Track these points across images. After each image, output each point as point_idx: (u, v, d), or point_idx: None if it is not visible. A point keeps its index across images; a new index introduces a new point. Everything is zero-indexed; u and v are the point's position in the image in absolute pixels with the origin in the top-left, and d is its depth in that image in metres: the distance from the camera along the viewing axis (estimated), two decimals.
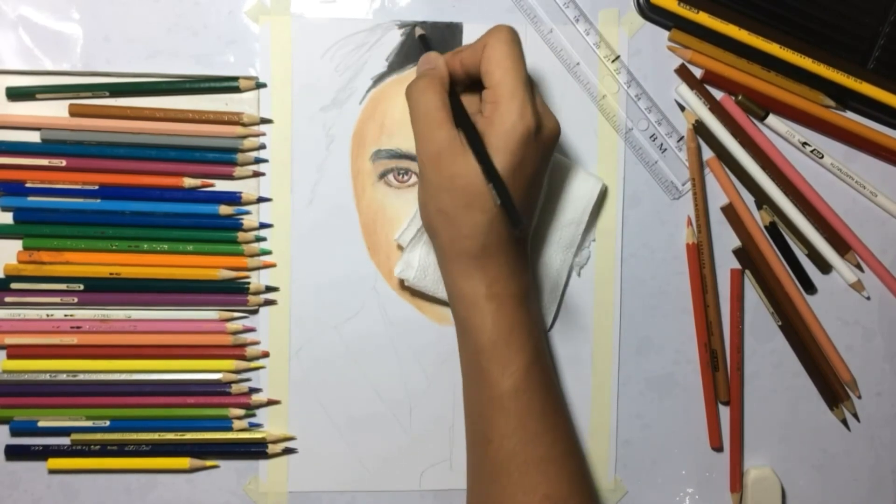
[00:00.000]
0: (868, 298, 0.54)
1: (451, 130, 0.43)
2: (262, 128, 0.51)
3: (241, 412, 0.51)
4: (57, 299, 0.50)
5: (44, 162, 0.50)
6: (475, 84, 0.45)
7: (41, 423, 0.51)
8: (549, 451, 0.44)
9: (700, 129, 0.52)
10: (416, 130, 0.43)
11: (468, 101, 0.45)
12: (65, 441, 0.51)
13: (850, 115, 0.53)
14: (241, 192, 0.51)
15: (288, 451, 0.52)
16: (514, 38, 0.43)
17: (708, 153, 0.53)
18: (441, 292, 0.50)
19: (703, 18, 0.51)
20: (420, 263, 0.50)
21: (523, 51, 0.43)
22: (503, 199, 0.40)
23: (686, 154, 0.53)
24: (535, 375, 0.44)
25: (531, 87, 0.43)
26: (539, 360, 0.45)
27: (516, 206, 0.39)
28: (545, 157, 0.45)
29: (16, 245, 0.50)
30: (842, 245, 0.53)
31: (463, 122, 0.43)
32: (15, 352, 0.50)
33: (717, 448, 0.54)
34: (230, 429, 0.51)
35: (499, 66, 0.42)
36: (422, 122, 0.43)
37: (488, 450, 0.44)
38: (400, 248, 0.51)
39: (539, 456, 0.44)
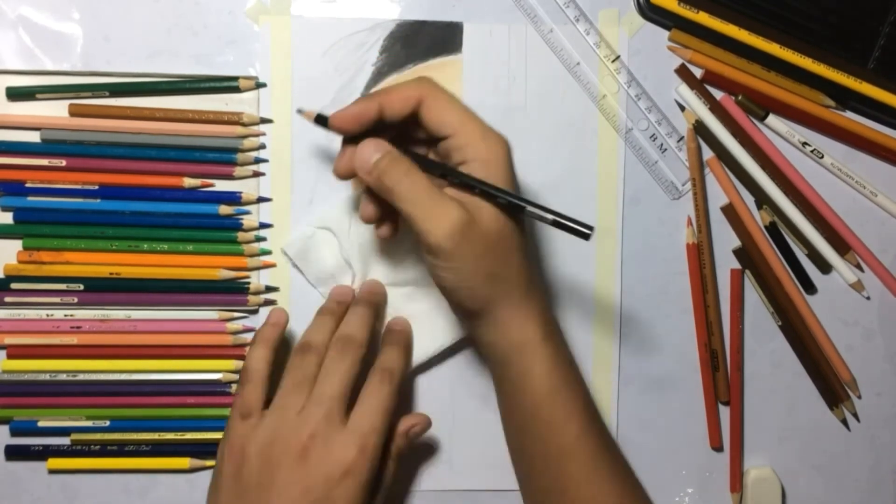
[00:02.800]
0: (868, 298, 0.54)
1: (451, 198, 0.40)
2: (262, 128, 0.51)
3: None
4: (57, 299, 0.50)
5: (44, 162, 0.50)
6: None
7: (41, 423, 0.51)
8: (623, 495, 0.43)
9: (700, 129, 0.52)
10: (416, 216, 0.39)
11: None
12: (65, 441, 0.51)
13: (850, 115, 0.53)
14: (241, 192, 0.51)
15: None
16: (443, 87, 0.42)
17: (708, 153, 0.53)
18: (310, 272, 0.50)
19: (703, 18, 0.51)
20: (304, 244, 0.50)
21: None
22: (559, 222, 0.39)
23: (686, 154, 0.53)
24: (592, 411, 0.44)
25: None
26: (589, 393, 0.44)
27: (569, 217, 0.39)
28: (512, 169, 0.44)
29: (16, 245, 0.50)
30: (842, 245, 0.53)
31: (465, 180, 0.40)
32: (15, 352, 0.50)
33: (717, 448, 0.54)
34: None
35: (450, 113, 0.41)
36: (419, 207, 0.39)
37: (563, 500, 0.43)
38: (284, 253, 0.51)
39: (617, 496, 0.43)
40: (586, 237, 0.38)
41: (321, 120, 0.43)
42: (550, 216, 0.39)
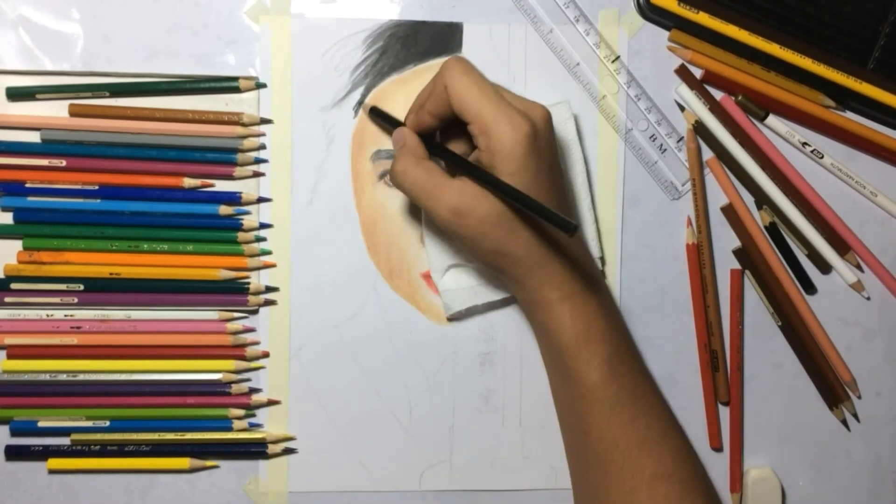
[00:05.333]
0: (868, 298, 0.54)
1: (453, 184, 0.43)
2: (262, 128, 0.51)
3: (241, 412, 0.51)
4: (57, 299, 0.50)
5: (44, 162, 0.50)
6: (454, 124, 0.45)
7: (41, 423, 0.51)
8: (647, 432, 0.45)
9: (700, 129, 0.52)
10: (423, 206, 0.44)
11: (456, 145, 0.47)
12: (65, 441, 0.51)
13: (850, 115, 0.53)
14: (241, 192, 0.51)
15: (288, 451, 0.52)
16: (465, 66, 0.43)
17: (708, 153, 0.53)
18: (480, 297, 0.51)
19: (703, 18, 0.51)
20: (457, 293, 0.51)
21: (476, 69, 0.44)
22: (545, 216, 0.40)
23: (686, 154, 0.53)
24: (619, 363, 0.46)
25: (502, 94, 0.43)
26: (620, 346, 0.46)
27: (557, 212, 0.40)
28: (551, 142, 0.45)
29: (16, 245, 0.50)
30: (842, 245, 0.53)
31: (467, 168, 0.43)
32: (15, 352, 0.50)
33: (717, 448, 0.54)
34: (230, 429, 0.51)
35: (468, 99, 0.42)
36: (423, 198, 0.44)
37: (588, 441, 0.46)
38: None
39: (639, 439, 0.45)
40: (569, 232, 0.39)
41: (375, 112, 0.49)
42: (537, 210, 0.40)
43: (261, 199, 0.51)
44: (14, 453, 0.51)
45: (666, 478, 0.45)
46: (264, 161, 0.51)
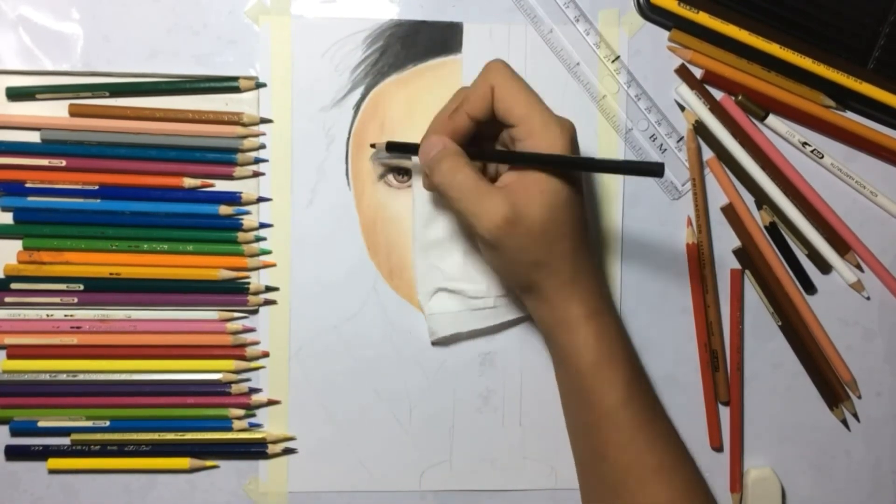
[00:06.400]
0: (868, 299, 0.54)
1: (501, 191, 0.42)
2: (262, 128, 0.51)
3: (241, 412, 0.51)
4: (57, 299, 0.50)
5: (44, 162, 0.50)
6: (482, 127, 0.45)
7: (41, 423, 0.51)
8: (663, 459, 0.45)
9: (700, 129, 0.52)
10: (465, 210, 0.42)
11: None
12: (65, 441, 0.51)
13: (850, 115, 0.53)
14: (241, 192, 0.51)
15: (288, 451, 0.52)
16: (510, 70, 0.44)
17: (708, 153, 0.53)
18: (465, 325, 0.51)
19: (703, 18, 0.51)
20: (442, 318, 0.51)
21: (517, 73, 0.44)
22: (630, 169, 0.41)
23: (686, 154, 0.53)
24: (637, 385, 0.45)
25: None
26: (637, 368, 0.46)
27: (637, 160, 0.41)
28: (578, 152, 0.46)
29: (16, 245, 0.50)
30: (842, 245, 0.53)
31: (526, 157, 0.43)
32: (15, 352, 0.50)
33: (717, 448, 0.54)
34: (230, 429, 0.51)
35: (517, 103, 0.43)
36: (468, 203, 0.42)
37: (603, 466, 0.45)
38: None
39: (654, 465, 0.44)
40: (660, 173, 0.40)
41: (392, 146, 0.47)
42: (620, 166, 0.42)
43: (261, 199, 0.51)
44: (14, 453, 0.51)
45: None
46: (264, 161, 0.51)
